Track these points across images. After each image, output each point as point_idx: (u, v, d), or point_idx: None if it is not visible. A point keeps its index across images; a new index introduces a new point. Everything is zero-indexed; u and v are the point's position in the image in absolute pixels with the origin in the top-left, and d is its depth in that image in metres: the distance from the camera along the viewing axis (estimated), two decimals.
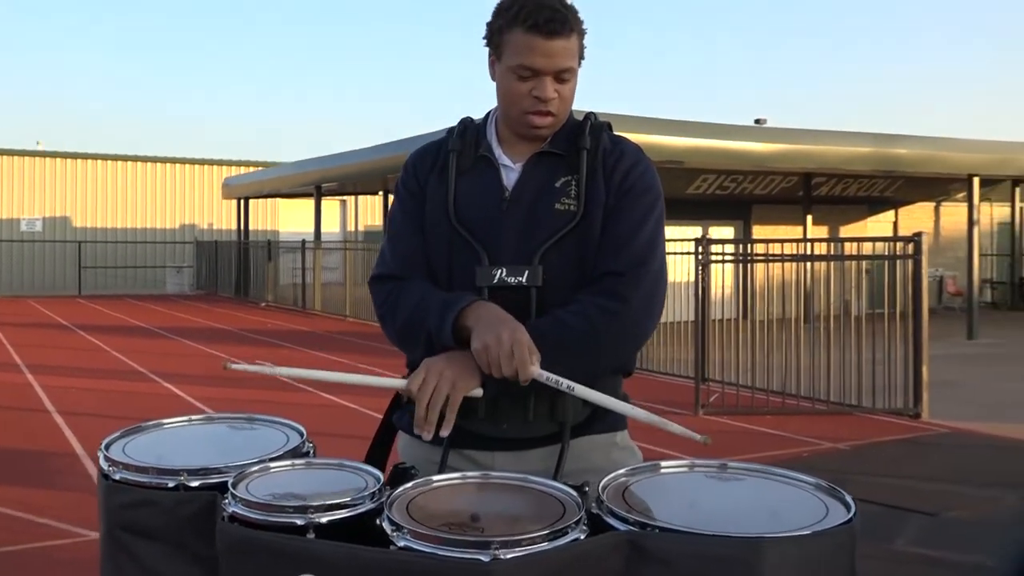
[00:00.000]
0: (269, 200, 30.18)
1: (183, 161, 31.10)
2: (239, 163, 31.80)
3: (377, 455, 1.92)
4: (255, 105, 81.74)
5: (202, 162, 31.41)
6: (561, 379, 1.65)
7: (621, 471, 1.58)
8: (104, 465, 1.68)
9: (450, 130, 1.97)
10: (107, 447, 1.74)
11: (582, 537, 1.34)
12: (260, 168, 29.54)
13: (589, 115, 1.94)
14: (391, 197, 21.34)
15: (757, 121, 19.48)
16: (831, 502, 1.42)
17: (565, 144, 1.88)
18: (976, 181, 15.99)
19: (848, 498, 1.40)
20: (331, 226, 29.89)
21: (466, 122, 1.97)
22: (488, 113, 1.98)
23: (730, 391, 8.51)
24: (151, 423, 1.89)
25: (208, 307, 22.06)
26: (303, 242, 21.90)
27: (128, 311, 20.83)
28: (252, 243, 25.84)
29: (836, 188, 19.11)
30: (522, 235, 1.82)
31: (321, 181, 21.62)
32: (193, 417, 1.93)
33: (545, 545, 1.31)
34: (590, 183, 1.84)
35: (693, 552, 1.29)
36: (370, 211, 33.35)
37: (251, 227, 28.03)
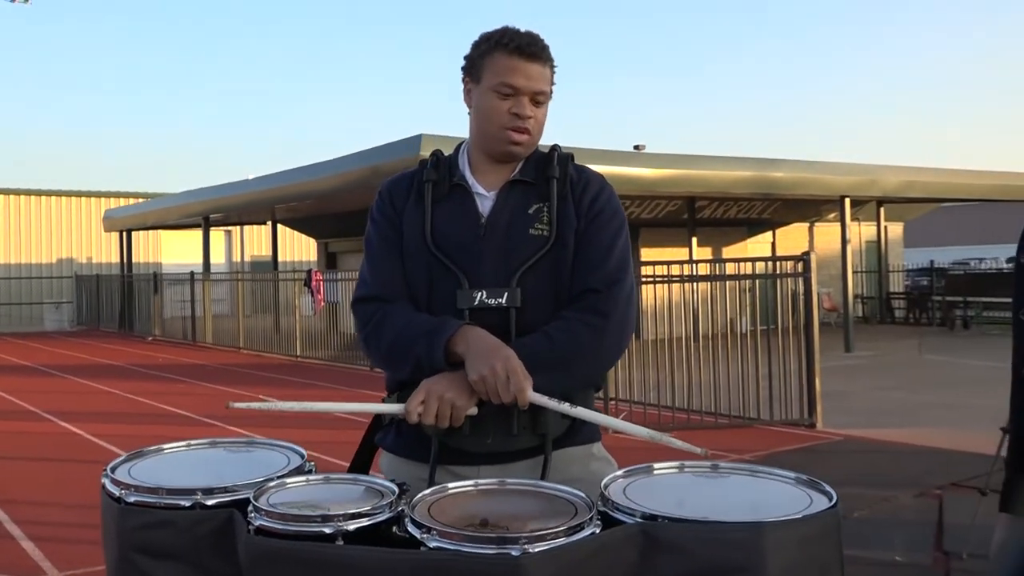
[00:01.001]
0: (151, 232, 29.36)
1: (59, 193, 29.94)
2: (119, 194, 30.82)
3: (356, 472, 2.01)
4: (130, 134, 79.29)
5: (79, 194, 30.29)
6: (561, 402, 1.78)
7: (618, 472, 1.72)
8: (113, 489, 1.71)
9: (423, 161, 2.08)
10: (112, 471, 1.78)
11: (598, 531, 1.47)
12: (142, 200, 28.75)
13: (555, 147, 2.09)
14: (280, 227, 21.06)
15: (636, 147, 20.04)
16: (813, 493, 1.59)
17: (535, 173, 2.02)
18: (847, 202, 16.86)
19: (828, 488, 1.58)
20: (217, 257, 29.27)
21: (437, 154, 2.09)
22: (459, 145, 2.11)
23: (636, 409, 8.77)
24: (152, 448, 1.93)
25: (93, 343, 21.29)
26: (192, 273, 21.40)
27: (8, 350, 19.91)
28: (136, 276, 25.09)
29: (718, 211, 19.85)
30: (500, 259, 1.94)
31: (209, 212, 21.20)
32: (193, 441, 1.98)
33: (565, 540, 1.43)
34: (561, 209, 1.98)
35: (702, 538, 1.43)
36: (256, 241, 32.79)
37: (133, 260, 27.20)
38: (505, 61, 1.93)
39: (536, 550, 1.39)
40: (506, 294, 1.91)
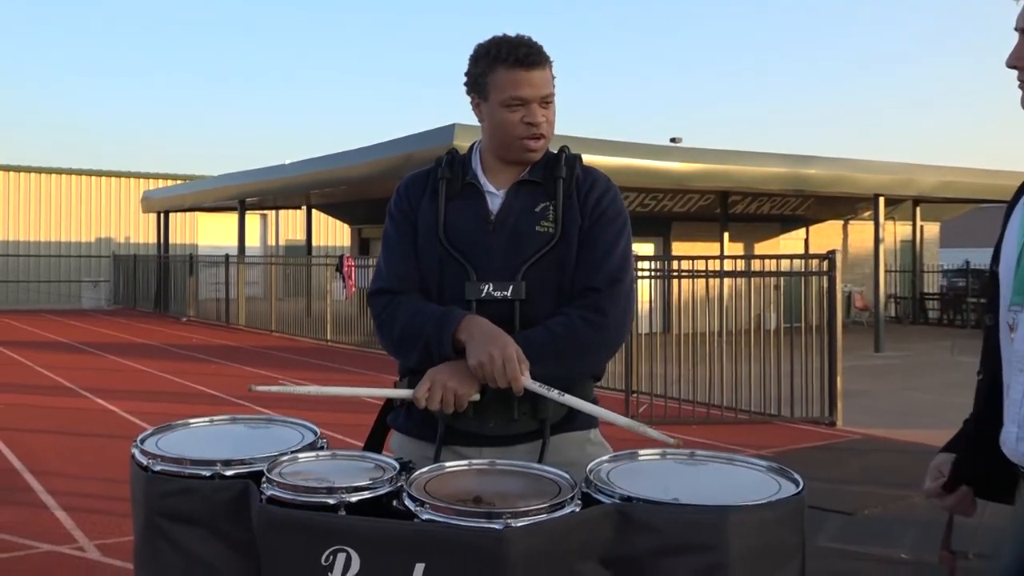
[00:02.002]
0: (188, 214, 29.81)
1: (99, 173, 30.48)
2: (157, 176, 31.32)
3: (371, 451, 2.15)
4: (173, 118, 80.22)
5: (119, 174, 30.83)
6: (551, 389, 1.91)
7: (604, 458, 1.85)
8: (142, 459, 1.87)
9: (438, 160, 2.21)
10: (142, 442, 1.93)
11: (577, 509, 1.60)
12: (180, 182, 29.17)
13: (563, 148, 2.21)
14: (314, 212, 21.27)
15: (673, 140, 20.06)
16: (783, 480, 1.71)
17: (543, 173, 2.14)
18: (881, 201, 16.78)
19: (796, 476, 1.69)
20: (252, 240, 29.66)
21: (453, 153, 2.22)
22: (472, 145, 2.24)
23: (658, 402, 8.88)
24: (179, 423, 2.09)
25: (128, 322, 21.72)
26: (227, 256, 21.74)
27: (47, 326, 20.39)
28: (173, 257, 25.50)
29: (751, 206, 19.82)
30: (506, 254, 2.06)
31: (245, 195, 21.52)
32: (216, 418, 2.13)
33: (546, 516, 1.56)
34: (566, 208, 2.10)
35: (672, 519, 1.56)
36: (291, 225, 33.17)
37: (170, 241, 27.65)
38: (508, 75, 2.04)
39: (518, 524, 1.52)
40: (511, 287, 2.04)
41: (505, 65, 2.04)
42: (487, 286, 2.04)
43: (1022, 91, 1.61)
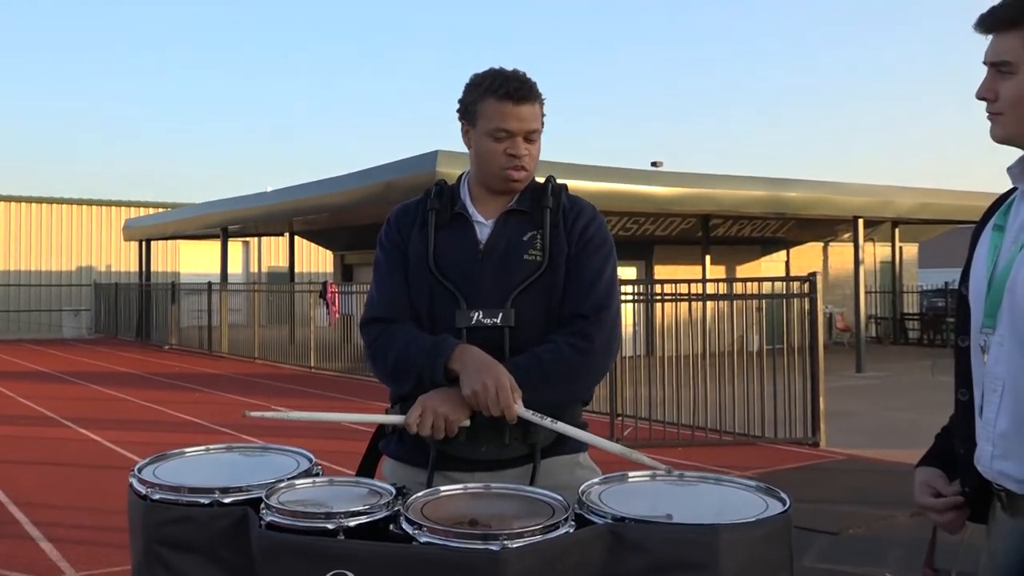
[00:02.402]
0: (170, 242, 29.74)
1: (79, 202, 30.42)
2: (138, 204, 31.27)
3: (364, 477, 2.19)
4: (153, 146, 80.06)
5: (99, 203, 30.77)
6: (544, 417, 1.95)
7: (595, 480, 1.89)
8: (140, 488, 1.89)
9: (427, 190, 2.26)
10: (139, 471, 1.96)
11: (571, 531, 1.64)
12: (161, 210, 29.13)
13: (550, 177, 2.27)
14: (297, 238, 21.26)
15: (653, 164, 20.23)
16: (769, 499, 1.75)
17: (530, 203, 2.19)
18: (861, 222, 16.96)
19: (783, 495, 1.74)
20: (234, 267, 29.62)
21: (441, 184, 2.27)
22: (461, 176, 2.29)
23: (643, 425, 8.92)
24: (174, 451, 2.11)
25: (110, 351, 21.59)
26: (209, 283, 21.69)
27: (27, 356, 20.25)
28: (154, 285, 25.42)
29: (732, 229, 19.98)
30: (496, 282, 2.11)
31: (228, 223, 21.51)
32: (211, 446, 2.16)
33: (541, 537, 1.60)
34: (553, 236, 2.15)
35: (663, 538, 1.60)
36: (274, 252, 33.14)
37: (151, 269, 27.57)
38: (497, 107, 2.09)
39: (514, 545, 1.56)
40: (501, 314, 2.08)
41: (495, 96, 2.10)
42: (477, 314, 2.08)
43: (991, 122, 1.67)
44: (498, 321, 2.08)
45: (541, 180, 2.24)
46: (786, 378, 8.79)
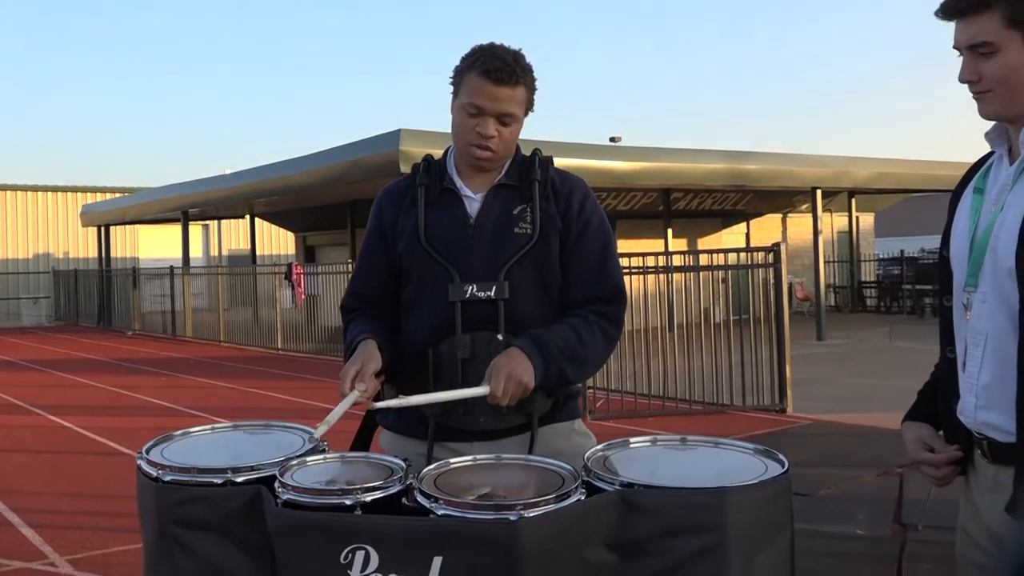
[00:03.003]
0: (128, 227, 29.33)
1: (35, 188, 29.87)
2: (95, 189, 30.77)
3: (358, 451, 2.22)
4: (110, 130, 78.65)
5: (56, 189, 30.23)
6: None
7: (598, 447, 1.95)
8: (150, 470, 1.92)
9: (415, 166, 2.28)
10: (147, 452, 1.99)
11: (582, 498, 1.70)
12: (119, 194, 28.70)
13: (535, 151, 2.29)
14: (258, 220, 21.04)
15: (612, 139, 20.30)
16: (768, 462, 1.82)
17: (517, 176, 2.22)
18: (819, 193, 17.19)
19: (782, 457, 1.81)
20: (195, 251, 29.28)
21: (428, 159, 2.29)
22: (446, 150, 2.31)
23: (614, 397, 9.04)
24: (179, 432, 2.14)
25: (72, 338, 21.31)
26: (171, 268, 21.47)
27: None
28: (115, 271, 25.09)
29: (693, 203, 20.15)
30: (488, 256, 2.14)
31: (188, 206, 21.26)
32: (217, 425, 2.19)
33: (555, 505, 1.65)
34: (543, 209, 2.19)
35: (672, 502, 1.66)
36: (234, 235, 32.80)
37: (111, 254, 27.20)
38: (476, 82, 2.11)
39: (530, 514, 1.61)
40: (495, 287, 2.12)
41: (477, 72, 2.11)
42: (471, 287, 2.12)
43: (979, 101, 1.75)
44: (492, 294, 2.11)
45: (527, 153, 2.27)
46: (752, 347, 8.94)
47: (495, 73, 2.09)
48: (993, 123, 1.79)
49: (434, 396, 2.04)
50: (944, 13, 1.74)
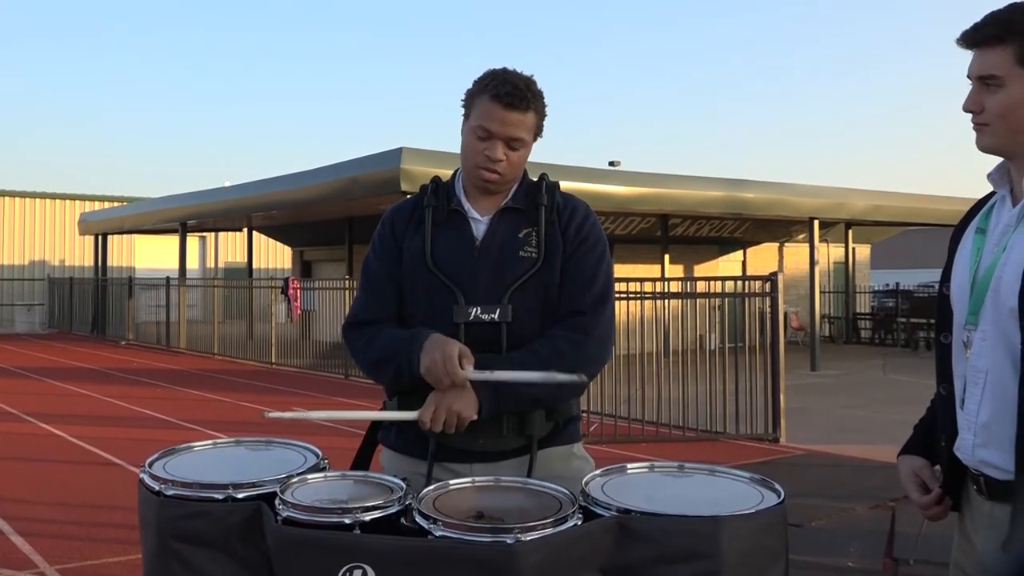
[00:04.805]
0: (126, 237, 29.35)
1: (34, 195, 29.88)
2: (94, 198, 30.79)
3: (359, 469, 2.24)
4: (110, 139, 78.79)
5: (55, 196, 30.25)
6: (484, 371, 2.01)
7: (596, 472, 1.97)
8: (153, 484, 1.94)
9: (423, 187, 2.32)
10: (150, 466, 2.00)
11: (579, 523, 1.72)
12: (118, 204, 28.72)
13: (543, 175, 2.33)
14: (255, 234, 21.06)
15: (611, 163, 20.37)
16: (764, 491, 1.85)
17: (524, 200, 2.25)
18: (816, 224, 17.27)
19: (777, 487, 1.84)
20: (192, 262, 29.29)
21: (436, 180, 2.32)
22: (455, 172, 2.35)
23: (608, 422, 9.04)
24: (182, 446, 2.16)
25: (66, 346, 21.27)
26: (167, 279, 21.46)
27: None
28: (111, 280, 25.07)
29: (690, 229, 20.22)
30: (492, 278, 2.17)
31: (186, 217, 21.29)
32: (218, 441, 2.21)
33: (552, 530, 1.67)
34: (548, 233, 2.21)
35: (668, 529, 1.68)
36: (231, 248, 32.83)
37: (107, 264, 27.19)
38: (487, 106, 2.14)
39: (527, 538, 1.63)
40: (498, 310, 2.14)
41: (488, 96, 2.14)
42: (475, 309, 2.14)
43: (977, 132, 1.78)
44: (495, 317, 2.13)
45: (535, 178, 2.30)
46: (747, 376, 8.96)
47: (506, 98, 2.12)
48: (996, 165, 1.82)
49: (345, 414, 2.09)
50: (963, 41, 1.78)
